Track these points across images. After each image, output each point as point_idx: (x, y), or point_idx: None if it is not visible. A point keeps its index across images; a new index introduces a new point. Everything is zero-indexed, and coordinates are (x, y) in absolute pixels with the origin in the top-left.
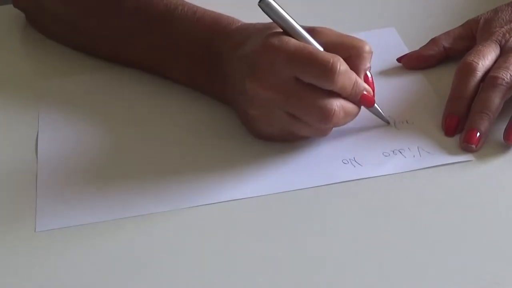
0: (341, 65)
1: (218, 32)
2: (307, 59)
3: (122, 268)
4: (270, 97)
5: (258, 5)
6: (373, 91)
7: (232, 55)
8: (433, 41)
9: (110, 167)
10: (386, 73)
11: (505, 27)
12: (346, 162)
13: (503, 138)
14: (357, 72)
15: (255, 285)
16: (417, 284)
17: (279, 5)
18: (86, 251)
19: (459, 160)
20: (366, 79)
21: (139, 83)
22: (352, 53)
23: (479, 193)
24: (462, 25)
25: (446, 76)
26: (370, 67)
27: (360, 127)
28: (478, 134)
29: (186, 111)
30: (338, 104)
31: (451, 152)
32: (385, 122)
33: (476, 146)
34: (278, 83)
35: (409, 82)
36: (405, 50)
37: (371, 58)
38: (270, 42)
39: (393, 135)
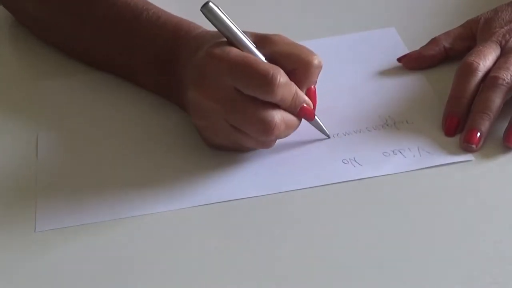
0: (281, 77)
1: (178, 39)
2: (247, 70)
3: (121, 268)
4: (211, 108)
5: (200, 10)
6: (315, 105)
7: (186, 63)
8: (433, 41)
9: (109, 167)
10: (386, 73)
11: (505, 27)
12: (346, 162)
13: (503, 140)
14: (300, 85)
15: (254, 285)
16: (417, 284)
17: (222, 12)
18: (86, 251)
19: (459, 160)
20: (309, 93)
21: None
22: (299, 66)
23: (479, 193)
24: (462, 25)
25: (446, 76)
26: (316, 81)
27: (360, 128)
28: (478, 134)
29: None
30: (279, 117)
31: (451, 152)
32: (326, 136)
33: (476, 146)
34: (220, 93)
35: (409, 82)
36: (405, 50)
37: (318, 72)
38: (212, 51)
39: (393, 135)
